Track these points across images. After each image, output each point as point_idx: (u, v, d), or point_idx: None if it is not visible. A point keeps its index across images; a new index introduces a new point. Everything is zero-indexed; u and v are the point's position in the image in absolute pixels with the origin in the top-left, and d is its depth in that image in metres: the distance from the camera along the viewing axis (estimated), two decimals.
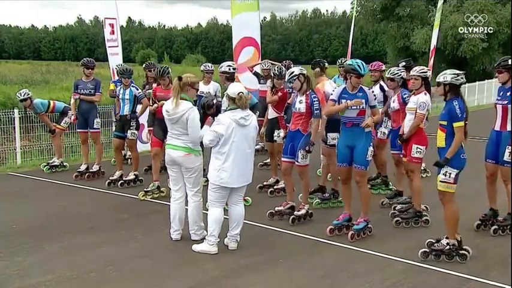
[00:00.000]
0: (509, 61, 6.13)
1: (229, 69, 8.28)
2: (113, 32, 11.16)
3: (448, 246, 5.40)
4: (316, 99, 6.58)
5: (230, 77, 8.18)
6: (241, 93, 5.48)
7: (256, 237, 6.22)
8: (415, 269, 5.24)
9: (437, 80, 5.52)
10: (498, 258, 5.53)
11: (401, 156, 6.93)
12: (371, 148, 6.02)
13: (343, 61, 10.22)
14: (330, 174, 7.87)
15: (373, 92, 5.98)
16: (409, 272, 5.18)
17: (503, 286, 4.86)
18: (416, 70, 6.67)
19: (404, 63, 8.30)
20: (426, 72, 6.67)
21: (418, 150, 6.51)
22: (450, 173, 5.35)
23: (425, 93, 6.57)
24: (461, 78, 5.44)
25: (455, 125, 5.30)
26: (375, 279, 5.00)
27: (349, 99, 5.92)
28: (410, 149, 6.54)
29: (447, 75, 5.44)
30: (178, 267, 5.29)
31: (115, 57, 11.17)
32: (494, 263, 5.40)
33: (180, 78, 5.65)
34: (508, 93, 6.11)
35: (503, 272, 5.12)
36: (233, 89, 5.61)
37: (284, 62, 9.56)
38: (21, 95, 9.72)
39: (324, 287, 4.87)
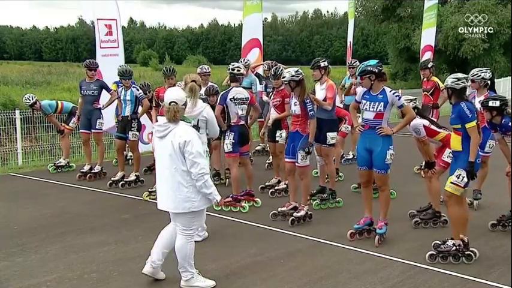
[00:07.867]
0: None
1: (236, 70, 7.59)
2: (110, 33, 11.04)
3: (454, 247, 5.39)
4: (308, 100, 6.57)
5: (233, 78, 7.87)
6: (172, 103, 4.58)
7: (256, 237, 6.24)
8: (415, 270, 5.24)
9: (445, 83, 5.61)
10: (498, 259, 5.53)
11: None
12: (390, 151, 5.84)
13: (353, 62, 10.21)
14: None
15: (394, 92, 5.85)
16: (410, 272, 5.18)
17: (503, 287, 4.86)
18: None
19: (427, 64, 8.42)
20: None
21: (450, 155, 6.24)
22: (464, 177, 5.34)
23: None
24: (462, 82, 5.41)
25: (467, 125, 5.29)
26: (375, 280, 5.00)
27: (369, 101, 5.85)
28: (443, 152, 6.46)
29: (448, 79, 5.52)
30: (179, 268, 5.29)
31: (114, 58, 10.98)
32: (494, 263, 5.40)
33: (193, 81, 5.88)
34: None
35: (504, 273, 5.12)
36: (166, 95, 4.71)
37: (271, 61, 9.68)
38: (29, 100, 9.75)
39: None
